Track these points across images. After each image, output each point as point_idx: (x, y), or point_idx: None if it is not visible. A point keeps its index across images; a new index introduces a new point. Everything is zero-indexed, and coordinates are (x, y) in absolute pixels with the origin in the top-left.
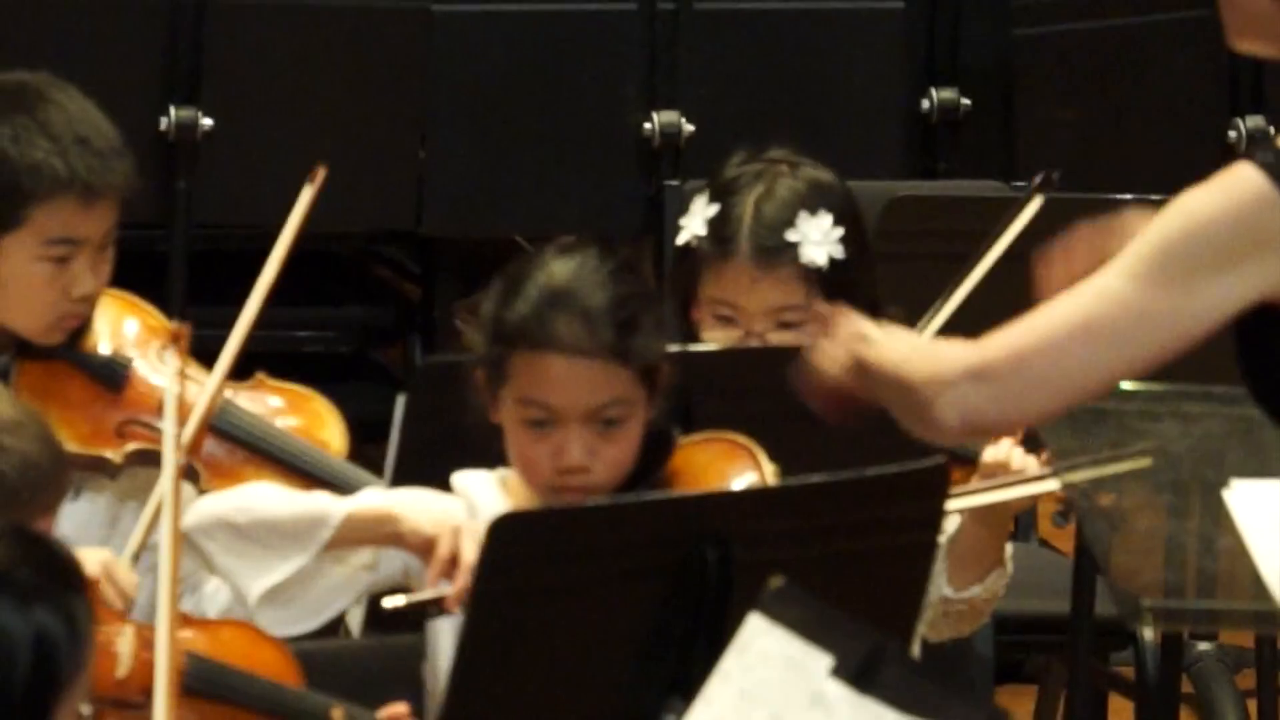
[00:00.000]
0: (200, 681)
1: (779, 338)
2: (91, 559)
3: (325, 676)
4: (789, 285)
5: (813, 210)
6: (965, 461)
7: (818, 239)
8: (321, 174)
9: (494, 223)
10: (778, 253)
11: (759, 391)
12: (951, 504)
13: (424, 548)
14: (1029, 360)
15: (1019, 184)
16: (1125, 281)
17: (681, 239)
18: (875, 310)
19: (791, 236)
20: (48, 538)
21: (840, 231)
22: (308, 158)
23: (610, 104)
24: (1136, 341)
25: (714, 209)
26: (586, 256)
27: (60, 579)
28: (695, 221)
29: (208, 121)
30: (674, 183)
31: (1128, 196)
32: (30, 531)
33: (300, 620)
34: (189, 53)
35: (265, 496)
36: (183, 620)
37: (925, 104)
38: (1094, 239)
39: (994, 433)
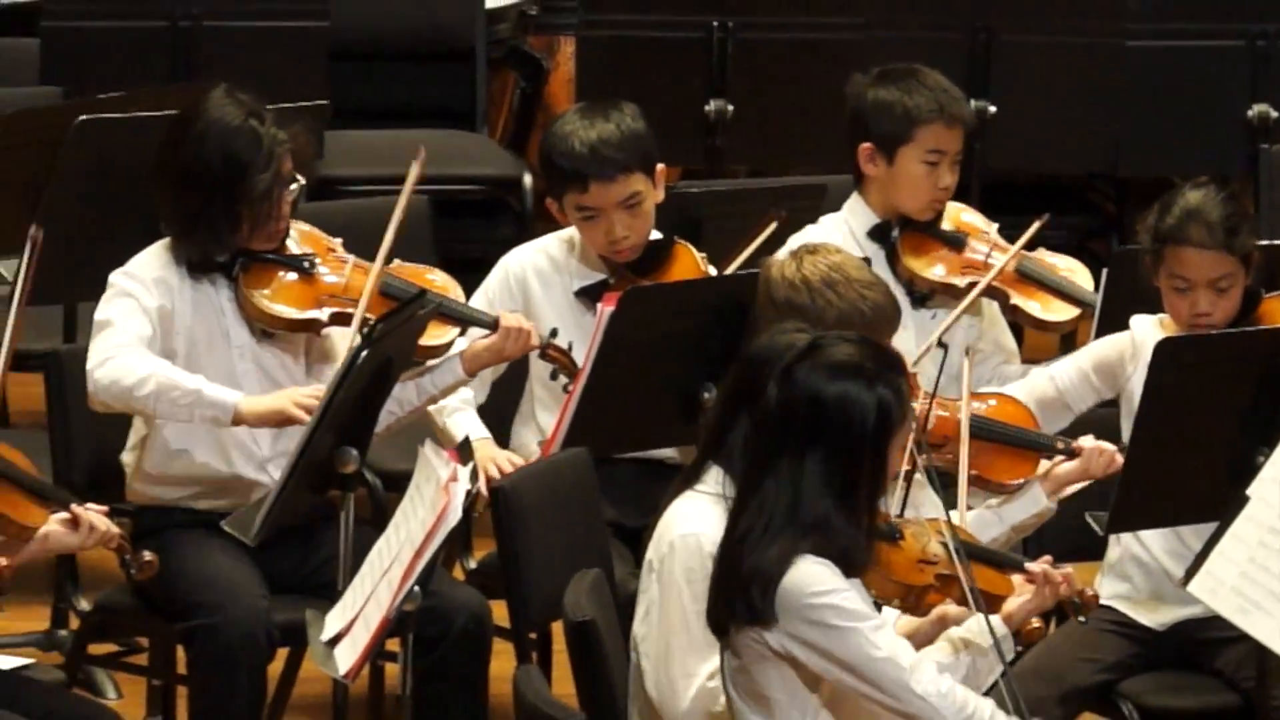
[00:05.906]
0: (976, 429)
1: None
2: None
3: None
4: None
5: None
6: None
7: None
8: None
9: (1163, 167)
10: None
11: None
12: None
13: None
14: None
15: None
16: None
17: None
18: None
19: None
20: (884, 344)
21: None
22: (1036, 125)
23: (1222, 95)
24: None
25: None
26: (1210, 188)
27: (891, 368)
28: None
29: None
30: (1265, 146)
31: None
32: (873, 341)
33: None
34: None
35: None
36: (971, 395)
37: None
38: None
39: None
